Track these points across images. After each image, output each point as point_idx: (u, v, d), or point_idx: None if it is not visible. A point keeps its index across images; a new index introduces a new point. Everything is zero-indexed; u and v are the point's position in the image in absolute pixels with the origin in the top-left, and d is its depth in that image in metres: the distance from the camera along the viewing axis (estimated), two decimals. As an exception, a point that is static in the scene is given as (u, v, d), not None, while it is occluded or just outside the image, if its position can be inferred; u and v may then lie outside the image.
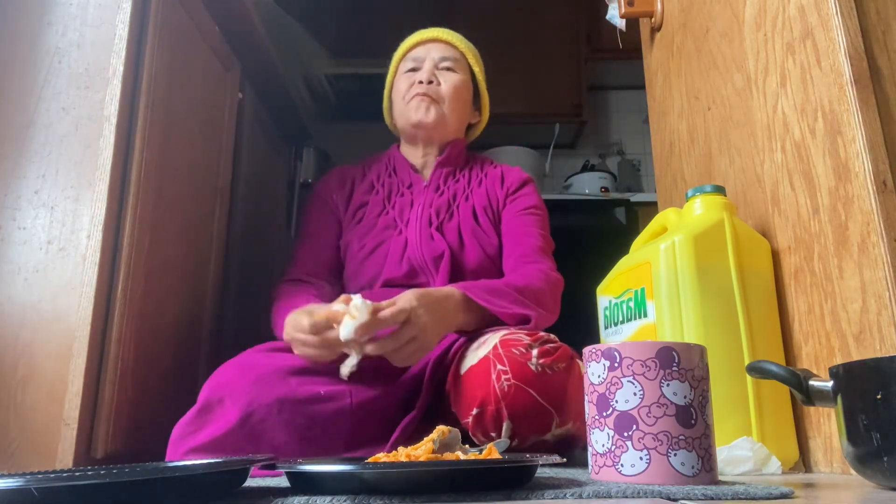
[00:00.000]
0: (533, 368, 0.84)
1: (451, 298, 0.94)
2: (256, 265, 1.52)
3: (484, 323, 0.99)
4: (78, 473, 0.50)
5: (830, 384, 0.62)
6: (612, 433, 0.60)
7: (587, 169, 2.76)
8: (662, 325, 0.89)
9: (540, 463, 0.59)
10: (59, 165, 0.94)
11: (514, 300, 0.99)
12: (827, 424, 0.83)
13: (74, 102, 0.96)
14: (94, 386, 0.87)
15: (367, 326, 0.83)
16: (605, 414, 0.61)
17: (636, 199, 2.40)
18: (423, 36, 1.30)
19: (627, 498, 0.52)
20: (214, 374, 0.88)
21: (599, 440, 0.61)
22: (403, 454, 0.61)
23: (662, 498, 0.51)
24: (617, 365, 0.61)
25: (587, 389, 0.64)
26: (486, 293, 0.97)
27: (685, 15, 1.29)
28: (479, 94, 1.34)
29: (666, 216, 1.01)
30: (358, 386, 0.95)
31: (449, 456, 0.62)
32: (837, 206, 0.80)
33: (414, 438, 0.87)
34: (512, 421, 0.83)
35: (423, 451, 0.61)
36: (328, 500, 0.49)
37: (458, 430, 0.67)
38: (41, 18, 1.00)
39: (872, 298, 0.74)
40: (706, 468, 0.59)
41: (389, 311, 0.84)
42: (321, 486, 0.54)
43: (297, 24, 1.88)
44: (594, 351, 0.63)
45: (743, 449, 0.78)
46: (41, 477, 0.49)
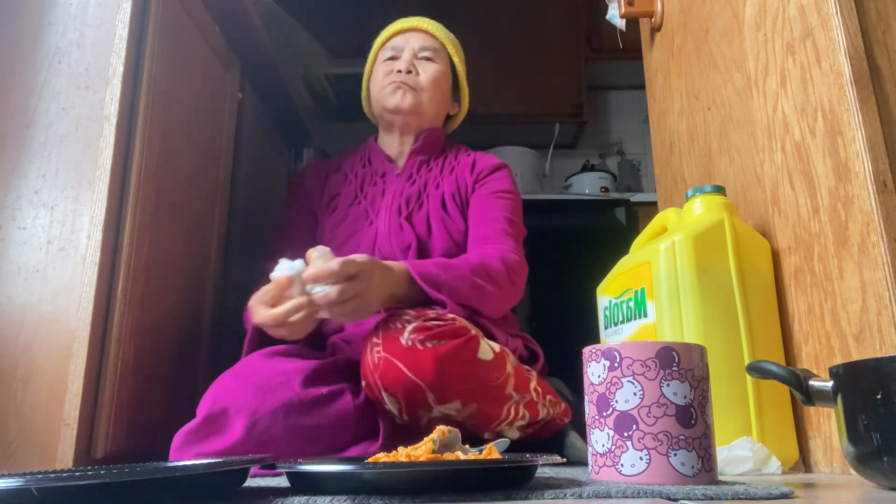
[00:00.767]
0: (403, 343, 0.84)
1: (398, 270, 0.94)
2: (256, 265, 1.52)
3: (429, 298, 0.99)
4: (78, 473, 0.50)
5: (830, 384, 0.62)
6: (612, 433, 0.60)
7: (587, 169, 2.76)
8: (662, 325, 0.89)
9: (540, 463, 0.59)
10: (59, 165, 0.94)
11: (457, 276, 0.97)
12: (827, 424, 0.83)
13: (74, 102, 0.96)
14: (94, 386, 0.87)
15: (318, 274, 0.83)
16: (605, 414, 0.61)
17: (636, 199, 2.40)
18: (403, 25, 1.30)
19: (627, 498, 0.52)
20: (214, 383, 0.87)
21: (599, 440, 0.61)
22: (403, 454, 0.61)
23: (662, 498, 0.51)
24: (617, 365, 0.61)
25: (587, 389, 0.64)
26: (435, 267, 0.96)
27: (685, 15, 1.29)
28: (458, 85, 1.33)
29: (666, 216, 1.01)
30: (360, 384, 0.95)
31: (449, 456, 0.62)
32: (837, 206, 0.80)
33: (403, 431, 0.87)
34: (388, 393, 0.84)
35: (423, 451, 0.61)
36: (328, 500, 0.49)
37: (457, 430, 0.67)
38: (41, 18, 1.00)
39: (872, 298, 0.74)
40: (706, 468, 0.59)
41: (340, 260, 0.85)
42: (321, 486, 0.54)
43: (297, 24, 1.88)
44: (594, 351, 0.63)
45: (743, 449, 0.78)
46: (41, 477, 0.49)
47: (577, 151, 3.00)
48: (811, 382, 0.63)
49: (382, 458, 0.62)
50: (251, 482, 0.69)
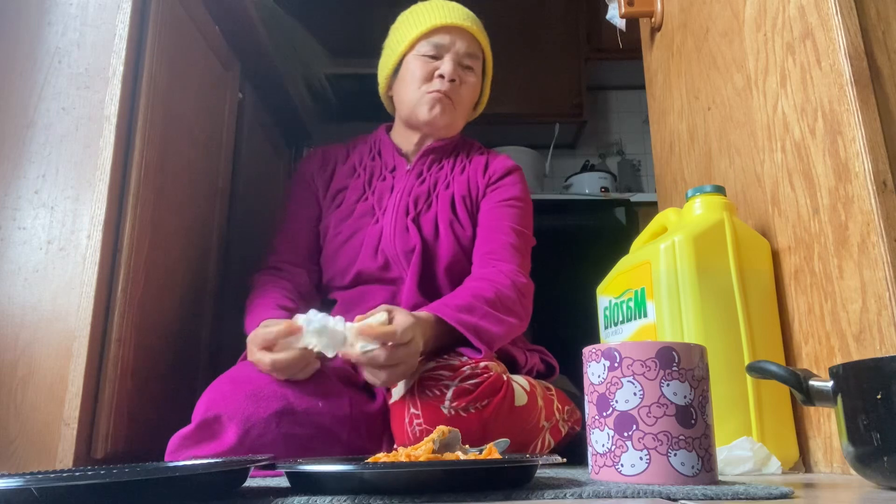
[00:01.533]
0: (445, 412, 0.82)
1: (431, 322, 0.91)
2: (256, 265, 1.52)
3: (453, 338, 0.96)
4: (78, 473, 0.50)
5: (830, 384, 0.62)
6: (612, 433, 0.60)
7: (587, 169, 2.76)
8: (662, 325, 0.89)
9: (540, 463, 0.59)
10: (59, 165, 0.94)
11: (484, 314, 0.95)
12: (827, 424, 0.83)
13: (74, 102, 0.96)
14: (94, 386, 0.87)
15: (375, 333, 0.79)
16: (604, 414, 0.61)
17: (636, 199, 2.40)
18: (447, 19, 1.18)
19: (627, 498, 0.52)
20: (208, 389, 0.86)
21: (599, 440, 0.61)
22: (403, 454, 0.61)
23: (662, 498, 0.51)
24: (617, 365, 0.61)
25: (587, 389, 0.64)
26: (457, 312, 0.93)
27: (685, 15, 1.29)
28: (482, 89, 1.29)
29: (666, 216, 1.01)
30: (357, 395, 0.94)
31: (449, 456, 0.62)
32: (837, 206, 0.80)
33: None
34: None
35: (423, 451, 0.61)
36: (328, 500, 0.49)
37: (457, 430, 0.67)
38: (41, 18, 1.00)
39: (872, 298, 0.74)
40: (706, 468, 0.59)
41: (399, 326, 0.81)
42: (321, 486, 0.54)
43: (297, 24, 1.88)
44: (594, 351, 0.63)
45: (743, 449, 0.78)
46: (41, 477, 0.49)
47: (577, 151, 3.00)
48: (811, 382, 0.63)
49: (382, 458, 0.62)
50: (251, 482, 0.69)
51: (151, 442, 0.95)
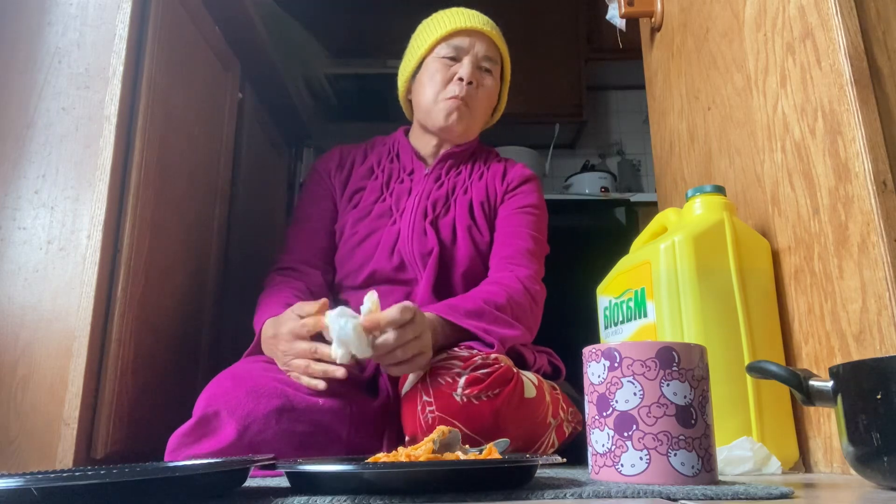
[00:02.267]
0: (458, 399, 0.82)
1: (435, 323, 0.91)
2: (256, 265, 1.52)
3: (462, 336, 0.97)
4: (78, 473, 0.50)
5: (830, 384, 0.62)
6: (612, 433, 0.60)
7: (587, 169, 2.76)
8: (662, 325, 0.89)
9: (540, 463, 0.59)
10: (59, 165, 0.94)
11: (494, 319, 0.96)
12: (827, 424, 0.83)
13: (74, 102, 0.96)
14: (94, 386, 0.87)
15: (378, 322, 0.80)
16: (604, 414, 0.61)
17: (636, 199, 2.40)
18: (467, 23, 1.20)
19: (627, 498, 0.52)
20: (209, 385, 0.87)
21: (599, 440, 0.61)
22: (403, 454, 0.61)
23: (662, 498, 0.51)
24: (617, 365, 0.61)
25: (587, 389, 0.64)
26: (466, 317, 0.94)
27: (685, 15, 1.29)
28: (500, 94, 1.29)
29: (666, 216, 1.01)
30: (357, 393, 0.94)
31: (449, 456, 0.62)
32: (837, 206, 0.80)
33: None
34: None
35: (423, 451, 0.61)
36: (328, 500, 0.49)
37: (457, 430, 0.67)
38: (41, 18, 1.00)
39: (872, 298, 0.74)
40: (706, 468, 0.59)
41: (396, 306, 0.82)
42: (321, 486, 0.54)
43: (297, 24, 1.88)
44: (594, 351, 0.63)
45: (743, 449, 0.78)
46: (41, 477, 0.49)
47: (577, 151, 3.00)
48: (811, 382, 0.63)
49: (382, 458, 0.62)
50: (251, 482, 0.69)
51: (151, 442, 0.95)
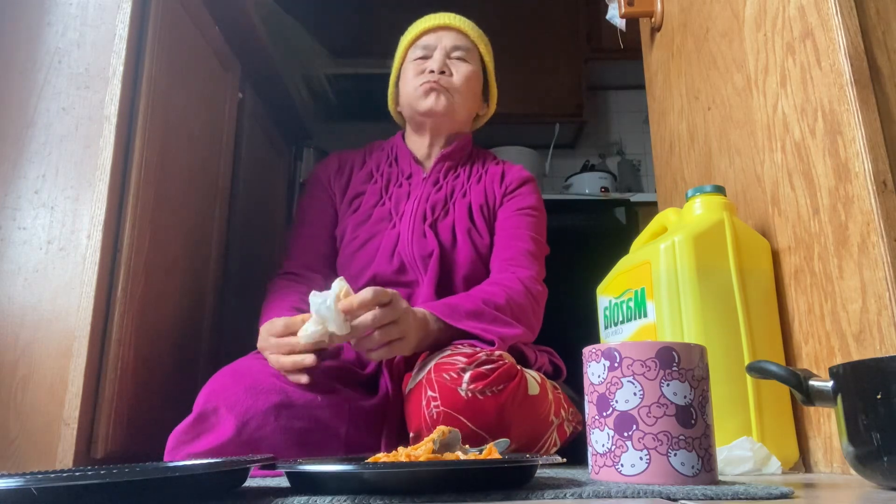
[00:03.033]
0: (462, 395, 0.82)
1: (428, 319, 0.93)
2: (256, 265, 1.52)
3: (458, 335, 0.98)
4: (78, 473, 0.50)
5: (830, 384, 0.62)
6: (612, 433, 0.60)
7: (587, 169, 2.76)
8: (662, 325, 0.89)
9: (540, 463, 0.59)
10: (59, 165, 0.94)
11: (492, 319, 0.97)
12: (827, 424, 0.83)
13: (74, 102, 0.96)
14: (94, 386, 0.87)
15: (351, 306, 0.81)
16: (604, 414, 0.61)
17: (636, 199, 2.40)
18: (433, 22, 1.25)
19: (627, 498, 0.52)
20: (209, 382, 0.87)
21: (599, 440, 0.61)
22: (403, 454, 0.61)
23: (662, 498, 0.51)
24: (617, 365, 0.61)
25: (587, 389, 0.64)
26: (464, 318, 0.95)
27: (685, 15, 1.29)
28: (487, 84, 1.30)
29: (666, 216, 1.01)
30: (355, 391, 0.94)
31: (449, 456, 0.62)
32: (837, 206, 0.80)
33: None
34: None
35: (423, 451, 0.61)
36: (328, 500, 0.49)
37: (457, 430, 0.67)
38: (41, 18, 1.00)
39: (872, 298, 0.74)
40: (706, 468, 0.59)
41: (370, 289, 0.83)
42: (321, 486, 0.54)
43: (297, 24, 1.88)
44: (594, 351, 0.63)
45: (743, 449, 0.78)
46: (41, 477, 0.49)
47: (577, 151, 3.00)
48: (811, 382, 0.63)
49: (382, 458, 0.62)
50: (251, 482, 0.69)
51: (151, 442, 0.95)
